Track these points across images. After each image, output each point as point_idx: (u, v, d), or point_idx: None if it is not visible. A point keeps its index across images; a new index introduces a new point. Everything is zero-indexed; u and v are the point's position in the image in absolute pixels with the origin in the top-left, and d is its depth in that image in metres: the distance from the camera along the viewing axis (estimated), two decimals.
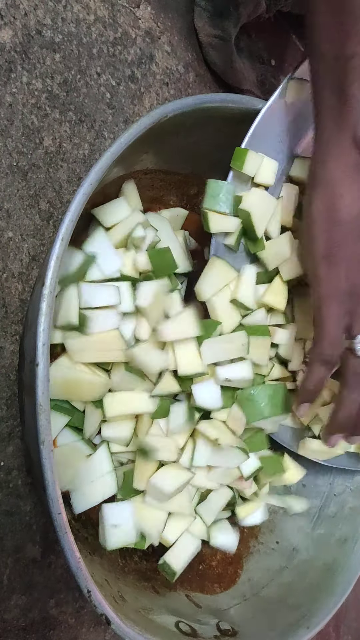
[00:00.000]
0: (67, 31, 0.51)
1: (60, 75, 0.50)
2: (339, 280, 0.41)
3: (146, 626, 0.40)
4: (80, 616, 0.50)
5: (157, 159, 0.49)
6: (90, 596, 0.35)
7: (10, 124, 0.47)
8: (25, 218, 0.48)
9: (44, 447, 0.33)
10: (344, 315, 0.42)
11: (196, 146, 0.49)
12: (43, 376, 0.33)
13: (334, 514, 0.57)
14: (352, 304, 0.42)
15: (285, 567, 0.55)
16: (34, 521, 0.47)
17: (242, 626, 0.48)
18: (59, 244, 0.35)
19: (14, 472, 0.46)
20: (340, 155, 0.40)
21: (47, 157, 0.49)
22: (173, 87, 0.59)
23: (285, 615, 0.50)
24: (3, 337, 0.46)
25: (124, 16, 0.55)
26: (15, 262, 0.47)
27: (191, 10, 0.61)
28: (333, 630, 0.73)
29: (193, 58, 0.61)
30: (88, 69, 0.52)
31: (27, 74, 0.48)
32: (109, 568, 0.45)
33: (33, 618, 0.47)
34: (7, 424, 0.46)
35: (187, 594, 0.50)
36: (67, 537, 0.34)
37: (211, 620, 0.48)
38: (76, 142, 0.51)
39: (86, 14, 0.52)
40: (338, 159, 0.40)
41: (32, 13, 0.49)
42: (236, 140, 0.50)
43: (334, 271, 0.41)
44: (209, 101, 0.44)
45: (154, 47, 0.58)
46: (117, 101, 0.54)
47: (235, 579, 0.55)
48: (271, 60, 0.71)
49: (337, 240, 0.41)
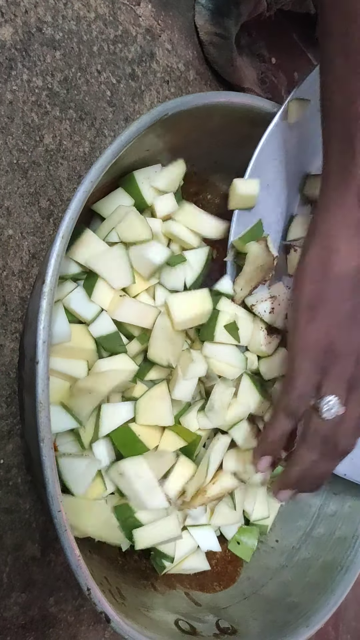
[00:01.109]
0: (67, 29, 0.51)
1: (60, 73, 0.50)
2: (318, 336, 0.40)
3: (146, 624, 0.40)
4: (79, 614, 0.50)
5: (158, 158, 0.49)
6: (89, 594, 0.35)
7: (10, 121, 0.47)
8: (26, 216, 0.48)
9: (44, 445, 0.33)
10: (316, 371, 0.40)
11: (196, 144, 0.49)
12: (43, 374, 0.33)
13: (334, 512, 0.57)
14: (326, 362, 0.40)
15: (285, 565, 0.55)
16: (34, 519, 0.47)
17: (241, 624, 0.48)
18: (59, 241, 0.35)
19: (14, 470, 0.46)
20: (342, 209, 0.39)
21: (48, 154, 0.49)
22: (173, 85, 0.59)
23: (284, 614, 0.50)
24: (3, 334, 0.46)
25: (124, 14, 0.55)
26: (15, 260, 0.47)
27: (192, 8, 0.61)
28: (332, 629, 0.73)
29: (194, 56, 0.61)
30: (88, 66, 0.52)
31: (27, 71, 0.48)
32: (108, 566, 0.45)
33: (32, 616, 0.47)
34: (6, 422, 0.46)
35: (186, 592, 0.50)
36: (66, 535, 0.34)
37: (211, 618, 0.48)
38: (76, 139, 0.51)
39: (87, 12, 0.52)
40: (340, 212, 0.39)
41: (33, 10, 0.48)
42: (236, 140, 0.50)
43: (314, 325, 0.40)
44: (209, 99, 0.44)
45: (155, 45, 0.58)
46: (118, 99, 0.54)
47: (234, 578, 0.55)
48: (271, 58, 0.71)
49: (324, 295, 0.40)
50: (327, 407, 0.40)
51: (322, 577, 0.53)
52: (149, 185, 0.47)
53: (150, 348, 0.44)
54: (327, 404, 0.40)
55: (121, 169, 0.46)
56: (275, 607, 0.51)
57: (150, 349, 0.44)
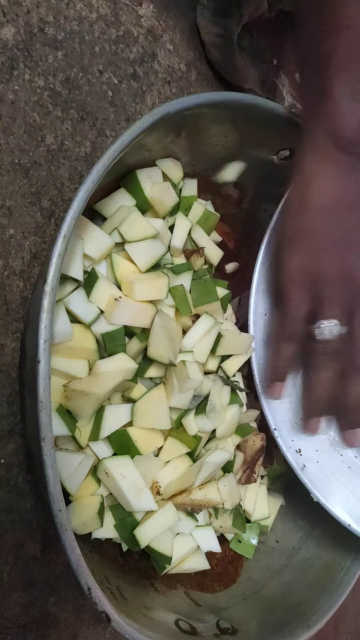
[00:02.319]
0: (69, 29, 0.51)
1: (62, 73, 0.50)
2: (303, 266, 0.42)
3: (146, 624, 0.40)
4: (80, 614, 0.50)
5: (159, 157, 0.49)
6: (90, 593, 0.35)
7: (12, 121, 0.47)
8: (27, 216, 0.48)
9: (45, 444, 0.33)
10: (307, 300, 0.43)
11: (198, 145, 0.49)
12: (44, 373, 0.33)
13: None
14: (314, 290, 0.42)
15: (285, 566, 0.55)
16: (34, 519, 0.47)
17: (241, 625, 0.48)
18: (60, 241, 0.35)
19: (15, 470, 0.46)
20: (316, 146, 0.41)
21: (49, 154, 0.49)
22: (175, 86, 0.59)
23: (284, 614, 0.50)
24: (4, 334, 0.46)
25: (126, 14, 0.55)
26: (16, 260, 0.47)
27: (193, 9, 0.61)
28: (332, 630, 0.73)
29: (195, 57, 0.61)
30: (90, 66, 0.52)
31: (29, 71, 0.48)
32: (109, 566, 0.45)
33: (33, 615, 0.47)
34: (7, 422, 0.46)
35: (186, 592, 0.50)
36: (67, 534, 0.34)
37: (211, 618, 0.48)
38: (78, 140, 0.51)
39: (88, 12, 0.52)
40: (314, 149, 0.41)
41: (35, 10, 0.49)
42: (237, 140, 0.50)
43: (298, 257, 0.42)
44: (210, 99, 0.44)
45: (156, 46, 0.58)
46: (119, 99, 0.54)
47: (235, 578, 0.55)
48: (273, 59, 0.71)
49: (305, 227, 0.42)
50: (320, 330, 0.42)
51: (322, 577, 0.53)
52: (151, 185, 0.47)
53: (150, 346, 0.44)
54: (319, 327, 0.42)
55: (123, 169, 0.46)
56: (276, 607, 0.51)
57: (151, 347, 0.44)
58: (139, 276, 0.45)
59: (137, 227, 0.45)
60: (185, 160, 0.51)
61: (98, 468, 0.43)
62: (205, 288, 0.49)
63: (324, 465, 0.49)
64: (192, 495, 0.47)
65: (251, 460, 0.53)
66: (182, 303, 0.47)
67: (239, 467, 0.52)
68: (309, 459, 0.49)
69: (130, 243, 0.45)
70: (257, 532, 0.56)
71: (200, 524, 0.49)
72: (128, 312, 0.43)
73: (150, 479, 0.44)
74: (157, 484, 0.45)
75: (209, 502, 0.47)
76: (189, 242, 0.53)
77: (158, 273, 0.46)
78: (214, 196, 0.58)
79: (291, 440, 0.49)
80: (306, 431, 0.47)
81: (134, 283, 0.43)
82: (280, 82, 0.71)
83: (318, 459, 0.49)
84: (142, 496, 0.42)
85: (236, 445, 0.52)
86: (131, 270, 0.45)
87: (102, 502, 0.42)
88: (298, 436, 0.49)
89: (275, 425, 0.48)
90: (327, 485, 0.49)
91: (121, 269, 0.45)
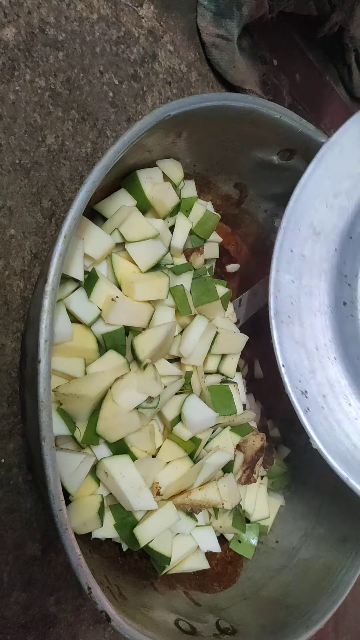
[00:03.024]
0: (70, 29, 0.51)
1: (63, 74, 0.50)
2: None
3: (146, 624, 0.40)
4: (80, 614, 0.50)
5: (159, 158, 0.49)
6: (90, 593, 0.35)
7: (13, 121, 0.47)
8: (28, 216, 0.48)
9: (45, 444, 0.33)
10: None
11: (198, 145, 0.49)
12: (45, 373, 0.33)
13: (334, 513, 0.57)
14: None
15: (285, 566, 0.55)
16: (35, 518, 0.47)
17: (241, 625, 0.48)
18: (61, 241, 0.35)
19: (15, 470, 0.46)
20: None
21: (50, 155, 0.49)
22: (175, 87, 0.59)
23: (284, 615, 0.50)
24: (4, 334, 0.46)
25: (127, 15, 0.55)
26: (17, 260, 0.47)
27: (194, 10, 0.61)
28: (332, 630, 0.73)
29: (196, 57, 0.61)
30: (91, 67, 0.52)
31: (30, 72, 0.48)
32: (108, 566, 0.45)
33: (33, 615, 0.47)
34: (8, 421, 0.46)
35: (186, 592, 0.50)
36: (67, 534, 0.34)
37: (211, 618, 0.48)
38: (79, 140, 0.51)
39: (89, 13, 0.52)
40: None
41: (36, 11, 0.49)
42: (238, 141, 0.50)
43: None
44: (211, 100, 0.44)
45: (157, 46, 0.58)
46: (120, 100, 0.54)
47: (234, 578, 0.55)
48: (273, 60, 0.71)
49: None
50: None
51: (322, 577, 0.53)
52: (152, 185, 0.47)
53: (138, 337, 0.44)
54: None
55: (123, 169, 0.46)
56: (275, 607, 0.51)
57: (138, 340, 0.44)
58: (139, 276, 0.45)
59: (137, 227, 0.45)
60: (186, 160, 0.52)
61: (97, 468, 0.43)
62: (205, 287, 0.49)
63: (329, 413, 0.46)
64: (191, 496, 0.47)
65: (251, 460, 0.53)
66: (182, 303, 0.47)
67: (239, 467, 0.52)
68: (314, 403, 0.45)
69: (130, 243, 0.45)
70: (256, 532, 0.56)
71: (200, 524, 0.49)
72: (125, 312, 0.43)
73: (151, 480, 0.44)
74: (157, 484, 0.45)
75: (209, 502, 0.47)
76: (189, 242, 0.53)
77: (158, 273, 0.46)
78: (214, 197, 0.58)
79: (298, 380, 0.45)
80: None
81: (134, 283, 0.43)
82: (281, 83, 0.72)
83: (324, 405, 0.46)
84: (142, 495, 0.42)
85: (236, 445, 0.52)
86: (131, 270, 0.45)
87: (102, 502, 0.42)
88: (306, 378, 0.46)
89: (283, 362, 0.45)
90: (329, 433, 0.46)
91: (121, 269, 0.45)
